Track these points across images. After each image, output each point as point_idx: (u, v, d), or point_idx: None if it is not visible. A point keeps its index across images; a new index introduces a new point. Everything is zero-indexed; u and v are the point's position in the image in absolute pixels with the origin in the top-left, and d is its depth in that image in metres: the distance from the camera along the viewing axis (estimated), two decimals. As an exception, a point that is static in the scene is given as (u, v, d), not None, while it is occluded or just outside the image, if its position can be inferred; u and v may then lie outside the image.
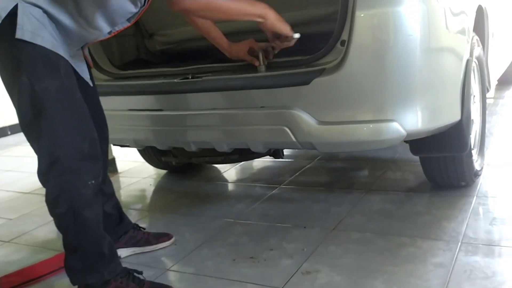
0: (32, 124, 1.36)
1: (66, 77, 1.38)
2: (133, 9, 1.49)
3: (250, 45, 1.77)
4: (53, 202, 1.41)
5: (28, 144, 1.43)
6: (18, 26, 1.28)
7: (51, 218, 1.47)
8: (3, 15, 1.28)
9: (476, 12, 1.99)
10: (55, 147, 1.36)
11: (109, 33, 1.53)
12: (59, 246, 1.98)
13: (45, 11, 1.34)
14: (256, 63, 1.72)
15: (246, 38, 1.79)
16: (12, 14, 1.29)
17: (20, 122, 1.39)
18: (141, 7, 1.51)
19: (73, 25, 1.40)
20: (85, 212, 1.41)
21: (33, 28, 1.30)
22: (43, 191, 1.44)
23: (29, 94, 1.32)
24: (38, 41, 1.31)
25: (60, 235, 1.49)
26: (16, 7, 1.29)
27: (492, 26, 2.47)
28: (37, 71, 1.32)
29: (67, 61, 1.39)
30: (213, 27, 1.83)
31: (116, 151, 3.26)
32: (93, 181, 1.42)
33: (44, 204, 1.44)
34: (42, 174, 1.40)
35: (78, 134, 1.39)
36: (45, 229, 2.27)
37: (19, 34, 1.28)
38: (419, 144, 1.85)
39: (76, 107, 1.40)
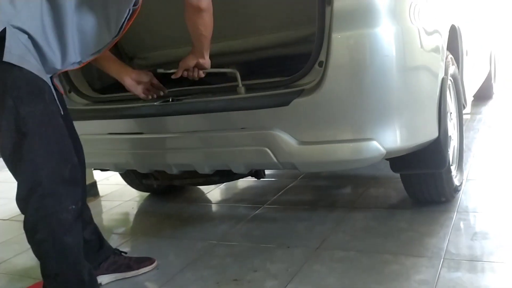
0: (14, 148, 1.35)
1: (50, 102, 1.38)
2: (108, 38, 1.52)
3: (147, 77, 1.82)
4: (32, 228, 1.38)
5: (5, 170, 1.41)
6: (6, 50, 1.29)
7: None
8: None
9: (450, 31, 2.04)
10: (36, 171, 1.35)
11: (79, 63, 1.55)
12: (38, 274, 1.94)
13: (30, 37, 1.35)
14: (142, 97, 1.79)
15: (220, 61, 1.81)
16: (0, 38, 1.29)
17: (2, 147, 1.37)
18: (113, 37, 1.53)
19: (53, 54, 1.42)
20: (65, 237, 1.39)
21: (20, 53, 1.31)
22: (22, 217, 1.41)
23: (14, 117, 1.32)
24: (25, 65, 1.32)
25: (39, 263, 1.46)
26: (4, 31, 1.29)
27: (466, 44, 2.53)
28: (22, 95, 1.32)
29: (49, 86, 1.40)
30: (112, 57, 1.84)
31: (98, 175, 3.22)
32: (73, 206, 1.40)
33: (22, 231, 1.42)
34: (22, 199, 1.38)
35: (60, 159, 1.38)
36: (24, 256, 2.22)
37: (7, 58, 1.29)
38: (399, 161, 1.87)
39: (58, 132, 1.40)
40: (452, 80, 2.11)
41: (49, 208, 1.37)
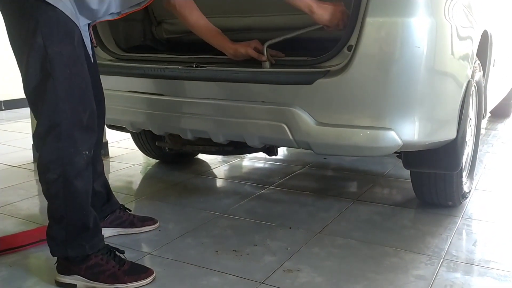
0: (38, 86, 1.36)
1: (78, 46, 1.39)
2: None
3: (256, 44, 1.77)
4: (45, 167, 1.40)
5: (21, 120, 1.44)
6: None
7: (36, 193, 1.46)
8: None
9: (482, 36, 2.03)
10: (57, 112, 1.36)
11: (118, 14, 1.55)
12: (42, 220, 1.98)
13: None
14: (263, 58, 1.72)
15: (250, 36, 1.79)
16: None
17: (26, 84, 1.39)
18: None
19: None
20: (76, 181, 1.41)
21: None
22: (31, 166, 1.44)
23: (41, 56, 1.33)
24: (60, 5, 1.33)
25: (43, 210, 1.48)
26: None
27: (495, 53, 2.51)
28: (53, 35, 1.33)
29: (80, 31, 1.41)
30: (215, 29, 1.80)
31: (110, 136, 3.25)
32: (87, 152, 1.42)
33: (30, 178, 1.44)
34: (39, 137, 1.40)
35: (80, 104, 1.40)
36: (29, 202, 2.25)
37: None
38: (412, 157, 1.87)
39: (82, 77, 1.41)
40: (476, 87, 2.09)
41: (64, 149, 1.38)
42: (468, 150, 2.16)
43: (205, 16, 1.78)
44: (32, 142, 2.97)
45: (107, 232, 1.79)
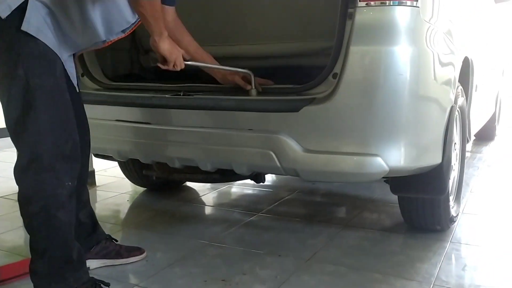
0: (19, 118, 1.35)
1: (60, 77, 1.39)
2: (131, 18, 1.53)
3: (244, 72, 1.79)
4: (26, 200, 1.38)
5: (6, 150, 1.42)
6: (25, 19, 1.31)
7: (20, 224, 1.44)
8: (14, 6, 1.31)
9: (463, 62, 2.07)
10: (38, 144, 1.35)
11: (103, 42, 1.56)
12: (26, 252, 1.93)
13: (51, 12, 1.36)
14: (248, 87, 1.75)
15: (237, 64, 1.82)
16: (21, 9, 1.31)
17: (7, 116, 1.38)
18: (138, 18, 1.55)
19: (72, 30, 1.43)
20: (58, 213, 1.39)
21: (39, 25, 1.33)
22: (15, 196, 1.42)
23: (23, 88, 1.32)
24: (41, 37, 1.33)
25: (28, 242, 1.45)
26: (26, 2, 1.32)
27: (476, 78, 2.57)
28: (34, 66, 1.33)
29: (61, 62, 1.41)
30: (205, 53, 1.86)
31: (96, 165, 3.23)
32: (69, 183, 1.40)
33: (15, 209, 1.42)
34: (20, 169, 1.39)
35: (62, 134, 1.39)
36: (13, 234, 2.21)
37: (25, 27, 1.31)
38: (400, 182, 1.88)
39: (64, 108, 1.41)
40: (459, 112, 2.13)
41: (46, 182, 1.37)
42: (454, 174, 2.18)
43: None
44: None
45: (92, 263, 1.76)
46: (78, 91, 1.60)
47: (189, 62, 1.70)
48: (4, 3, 1.29)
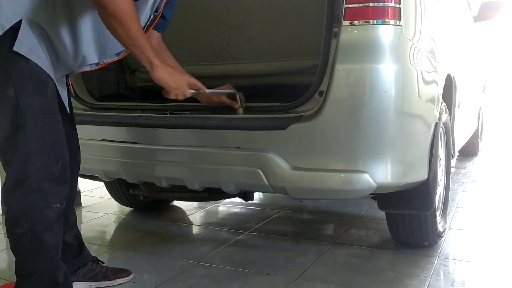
0: (8, 138, 1.34)
1: (52, 98, 1.38)
2: None
3: (228, 88, 1.79)
4: (13, 221, 1.36)
5: None
6: (17, 40, 1.30)
7: (4, 247, 1.41)
8: (7, 27, 1.30)
9: (446, 79, 2.11)
10: (26, 165, 1.33)
11: (97, 64, 1.56)
12: (10, 276, 1.90)
13: (44, 33, 1.36)
14: (236, 106, 1.75)
15: (223, 83, 1.82)
16: (13, 29, 1.31)
17: None
18: None
19: (65, 51, 1.43)
20: (45, 235, 1.36)
21: (31, 45, 1.33)
22: (0, 219, 1.39)
23: (13, 108, 1.31)
24: (33, 57, 1.33)
25: (11, 265, 1.43)
26: (19, 22, 1.31)
27: (459, 95, 2.61)
28: (25, 87, 1.32)
29: (54, 83, 1.41)
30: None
31: (82, 185, 3.18)
32: (57, 205, 1.38)
33: None
34: (8, 190, 1.36)
35: (52, 156, 1.37)
36: (-4, 257, 2.16)
37: (17, 48, 1.30)
38: (387, 199, 1.89)
39: (54, 129, 1.39)
40: (444, 128, 2.16)
41: (33, 203, 1.35)
42: (440, 190, 2.20)
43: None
44: (1, 195, 2.90)
45: (79, 286, 1.72)
46: (69, 112, 1.58)
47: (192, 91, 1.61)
48: None
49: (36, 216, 1.35)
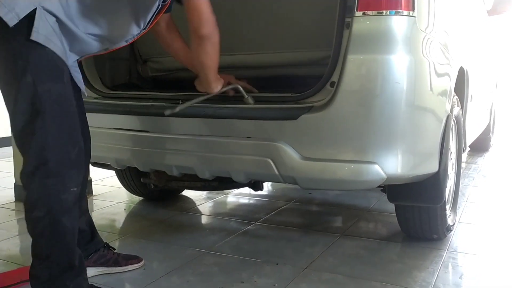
0: (27, 124, 1.36)
1: (67, 84, 1.41)
2: (135, 31, 1.56)
3: (230, 79, 1.81)
4: (32, 205, 1.38)
5: (2, 159, 1.43)
6: (34, 29, 1.32)
7: (17, 233, 1.44)
8: (22, 15, 1.32)
9: (459, 72, 2.10)
10: (45, 150, 1.36)
11: (106, 49, 1.58)
12: (22, 261, 1.93)
13: (58, 20, 1.38)
14: (231, 93, 1.77)
15: (233, 73, 1.84)
16: (29, 17, 1.32)
17: (14, 122, 1.39)
18: (141, 30, 1.58)
19: (78, 38, 1.45)
20: (63, 218, 1.39)
21: (47, 33, 1.35)
22: (12, 205, 1.43)
23: (31, 94, 1.34)
24: (50, 45, 1.35)
25: (23, 250, 1.45)
26: (34, 11, 1.33)
27: (472, 89, 2.59)
28: (43, 73, 1.35)
29: (68, 69, 1.43)
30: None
31: (93, 174, 3.22)
32: (75, 189, 1.41)
33: (11, 218, 1.42)
34: (27, 175, 1.39)
35: (69, 141, 1.40)
36: (9, 242, 2.19)
37: (34, 36, 1.32)
38: (396, 191, 1.89)
39: (71, 114, 1.42)
40: (455, 121, 2.15)
41: (52, 187, 1.37)
42: (450, 183, 2.19)
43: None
44: (13, 181, 2.94)
45: (90, 271, 1.74)
46: (86, 95, 1.61)
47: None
48: (12, 12, 1.31)
49: (55, 200, 1.38)
